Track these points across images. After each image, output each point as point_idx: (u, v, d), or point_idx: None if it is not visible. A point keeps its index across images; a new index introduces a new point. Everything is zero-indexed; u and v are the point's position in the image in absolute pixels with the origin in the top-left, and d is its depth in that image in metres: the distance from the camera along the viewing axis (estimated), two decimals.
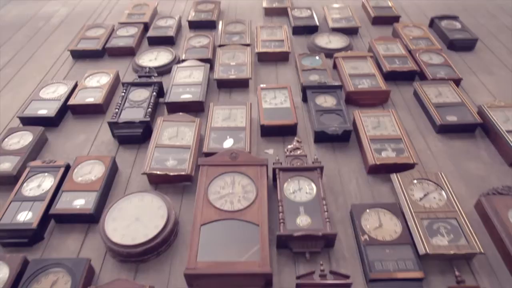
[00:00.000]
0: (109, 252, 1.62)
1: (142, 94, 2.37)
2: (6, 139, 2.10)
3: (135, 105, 2.28)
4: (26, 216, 1.69)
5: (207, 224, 1.62)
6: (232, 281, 1.45)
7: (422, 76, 2.59)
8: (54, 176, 1.87)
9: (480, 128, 2.18)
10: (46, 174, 1.88)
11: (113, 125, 2.15)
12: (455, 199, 1.70)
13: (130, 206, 1.72)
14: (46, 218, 1.71)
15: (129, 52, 2.97)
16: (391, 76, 2.59)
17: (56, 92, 2.46)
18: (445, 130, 2.17)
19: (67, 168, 1.92)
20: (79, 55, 2.97)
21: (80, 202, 1.76)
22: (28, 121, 2.28)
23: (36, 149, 2.10)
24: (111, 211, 1.69)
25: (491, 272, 1.52)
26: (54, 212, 1.71)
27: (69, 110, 2.40)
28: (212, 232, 1.59)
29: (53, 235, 1.72)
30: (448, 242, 1.54)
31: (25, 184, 1.83)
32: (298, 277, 1.43)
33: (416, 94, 2.43)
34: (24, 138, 2.11)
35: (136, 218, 1.67)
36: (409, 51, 2.76)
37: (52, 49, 3.16)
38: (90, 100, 2.39)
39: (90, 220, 1.74)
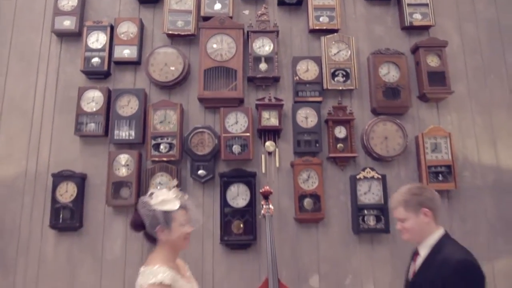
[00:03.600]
0: (152, 84, 3.03)
1: None
2: (58, 1, 3.12)
3: None
4: (98, 61, 2.99)
5: (207, 69, 2.97)
6: (223, 101, 2.94)
7: None
8: (104, 33, 3.05)
9: None
10: (99, 31, 3.05)
11: None
12: (354, 55, 3.02)
13: (159, 56, 3.01)
14: (110, 62, 3.02)
15: None
16: None
17: None
18: None
19: (111, 27, 3.07)
20: None
21: (127, 52, 3.03)
22: None
23: (82, 9, 3.16)
24: (149, 59, 2.99)
25: (360, 98, 3.03)
26: (114, 60, 3.01)
27: None
28: (210, 74, 2.97)
29: (116, 72, 3.07)
30: (341, 82, 2.97)
31: (88, 39, 3.03)
32: (257, 100, 2.92)
33: None
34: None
35: (165, 63, 2.99)
36: None
37: None
38: None
39: (136, 63, 3.06)
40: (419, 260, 1.75)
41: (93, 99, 2.94)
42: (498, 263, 2.82)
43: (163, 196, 1.69)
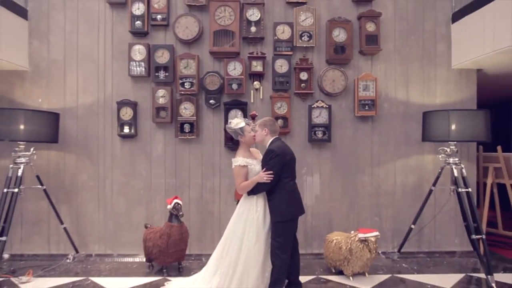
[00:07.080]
0: (177, 41, 4.47)
1: None
2: None
3: None
4: (140, 23, 4.41)
5: (215, 31, 4.39)
6: (225, 54, 4.42)
7: None
8: (143, 3, 4.41)
9: None
10: (139, 2, 4.42)
11: None
12: (316, 22, 4.39)
13: (182, 21, 4.42)
14: (148, 24, 4.43)
15: None
16: None
17: None
18: None
19: None
20: None
21: (159, 17, 4.43)
22: None
23: None
24: (175, 23, 4.40)
25: (318, 53, 4.48)
26: (151, 23, 4.43)
27: None
28: (217, 34, 4.40)
29: (152, 32, 4.50)
30: (306, 41, 4.40)
31: (132, 7, 4.41)
32: (248, 53, 4.39)
33: None
34: None
35: (186, 27, 4.41)
36: None
37: None
38: None
39: (166, 26, 4.47)
40: None
41: (139, 51, 4.42)
42: (399, 162, 4.52)
43: (235, 121, 3.37)
